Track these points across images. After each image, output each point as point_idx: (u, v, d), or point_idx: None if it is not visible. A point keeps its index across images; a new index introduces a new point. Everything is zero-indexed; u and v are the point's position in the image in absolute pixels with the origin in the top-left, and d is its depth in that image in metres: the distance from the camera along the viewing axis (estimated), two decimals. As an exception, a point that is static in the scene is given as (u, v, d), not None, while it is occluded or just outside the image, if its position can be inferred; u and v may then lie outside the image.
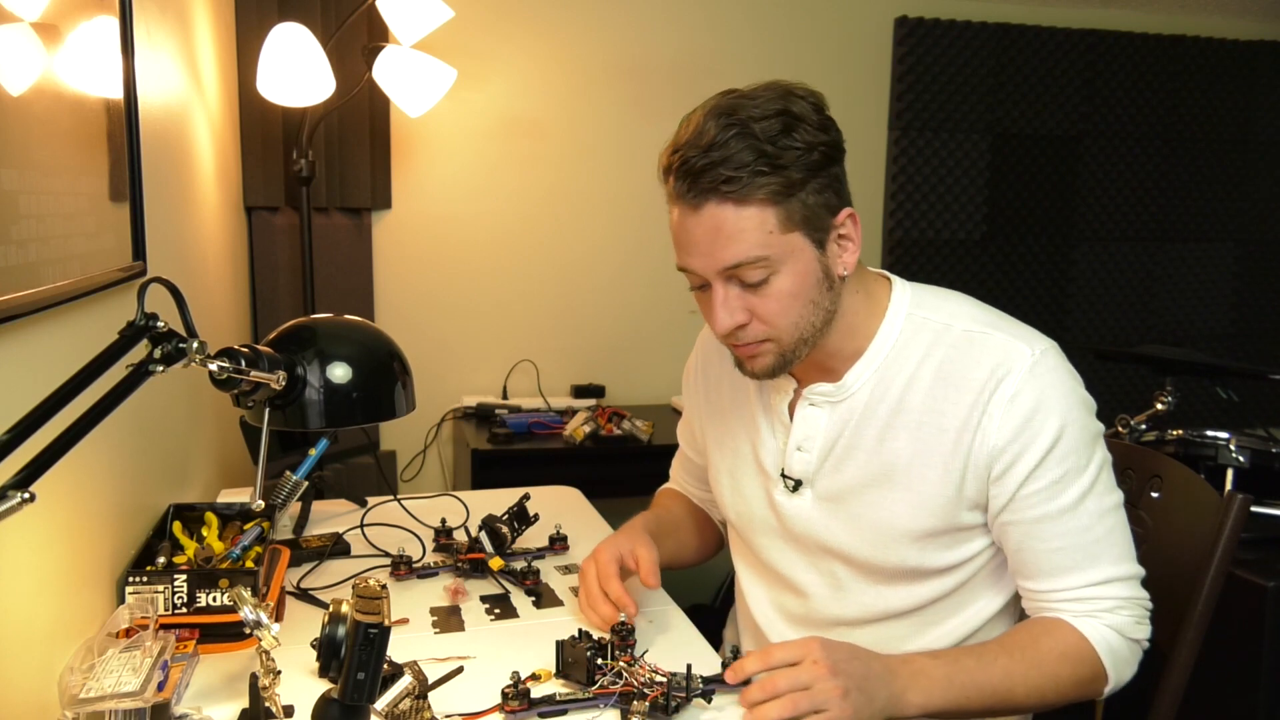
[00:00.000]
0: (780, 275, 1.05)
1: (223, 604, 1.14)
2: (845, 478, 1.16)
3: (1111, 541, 1.10)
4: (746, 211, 1.02)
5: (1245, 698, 1.69)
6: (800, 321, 1.07)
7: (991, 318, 1.15)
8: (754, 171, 1.00)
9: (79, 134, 1.07)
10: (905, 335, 1.14)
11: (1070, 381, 1.10)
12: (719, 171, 1.00)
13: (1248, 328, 3.67)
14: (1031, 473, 1.07)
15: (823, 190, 1.04)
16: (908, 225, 3.26)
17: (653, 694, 1.02)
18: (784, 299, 1.06)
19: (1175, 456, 1.52)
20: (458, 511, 1.63)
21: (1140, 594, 1.12)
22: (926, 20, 3.18)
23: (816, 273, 1.07)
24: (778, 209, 1.02)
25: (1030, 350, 1.08)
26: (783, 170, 1.01)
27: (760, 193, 1.01)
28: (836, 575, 1.20)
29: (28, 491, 0.64)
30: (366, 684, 0.82)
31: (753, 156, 1.00)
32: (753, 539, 1.29)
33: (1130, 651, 1.11)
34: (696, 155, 1.01)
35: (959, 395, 1.09)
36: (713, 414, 1.34)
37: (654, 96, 2.99)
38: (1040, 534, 1.09)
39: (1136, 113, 3.42)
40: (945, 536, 1.13)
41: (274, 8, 2.53)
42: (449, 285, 2.94)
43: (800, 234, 1.04)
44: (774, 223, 1.02)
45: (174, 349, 0.86)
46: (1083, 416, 1.09)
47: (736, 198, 1.01)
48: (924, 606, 1.18)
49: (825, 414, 1.17)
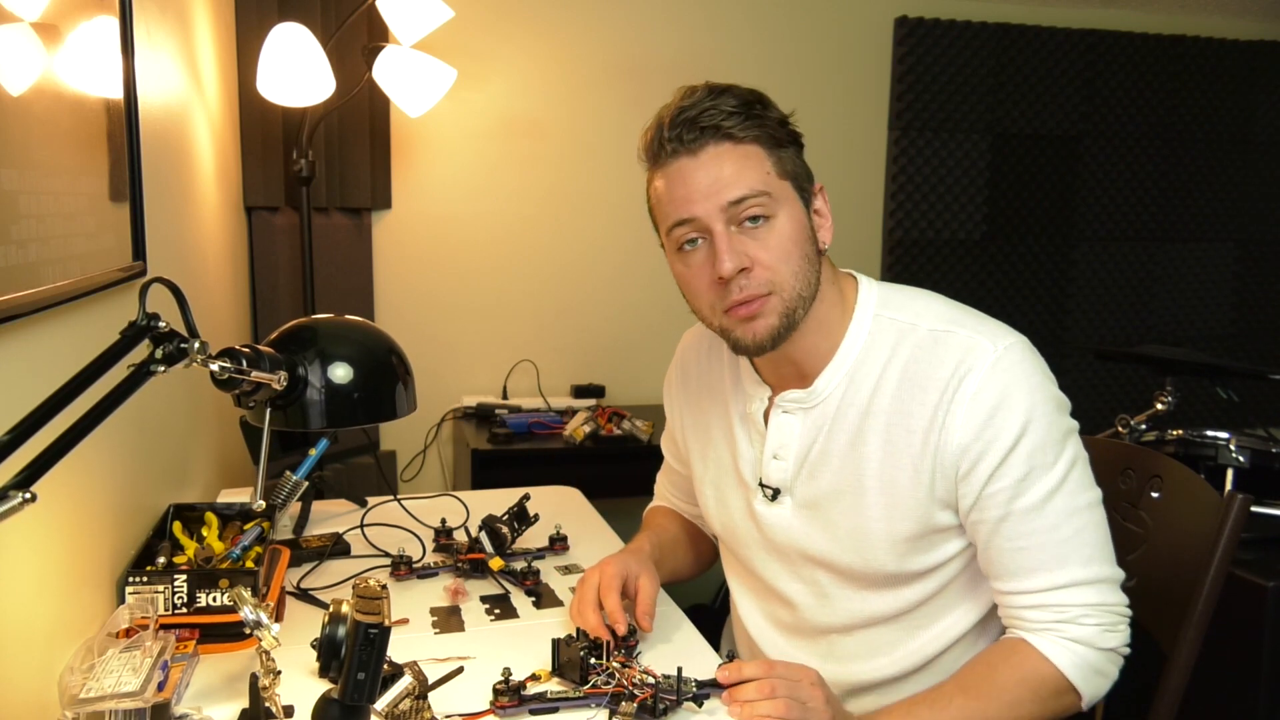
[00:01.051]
0: (778, 218, 1.08)
1: (223, 604, 1.14)
2: (821, 485, 1.15)
3: (1081, 542, 1.07)
4: (746, 149, 1.08)
5: (1245, 698, 1.69)
6: (799, 272, 1.08)
7: (958, 315, 1.13)
8: (746, 117, 1.07)
9: (79, 134, 1.07)
10: (873, 337, 1.13)
11: (1037, 378, 1.08)
12: (717, 113, 1.07)
13: (1248, 328, 3.67)
14: (996, 470, 1.05)
15: (798, 156, 1.12)
16: (908, 225, 3.26)
17: (641, 695, 1.03)
18: (784, 242, 1.08)
19: (1175, 456, 1.52)
20: (458, 511, 1.63)
21: (1114, 599, 1.09)
22: (926, 20, 3.18)
23: (807, 228, 1.11)
24: (770, 154, 1.09)
25: (993, 346, 1.07)
26: (766, 126, 1.09)
27: (754, 134, 1.08)
28: (820, 583, 1.20)
29: (29, 492, 0.64)
30: (366, 684, 0.82)
31: (743, 106, 1.08)
32: (738, 550, 1.29)
33: (1104, 661, 1.08)
34: (691, 106, 1.08)
35: (924, 395, 1.08)
36: (693, 425, 1.33)
37: (654, 96, 2.94)
38: (1006, 532, 1.07)
39: (1136, 113, 3.42)
40: (923, 540, 1.12)
41: (274, 8, 2.53)
42: (449, 285, 2.94)
43: (790, 184, 1.10)
44: (769, 164, 1.08)
45: (175, 349, 0.86)
46: (1049, 413, 1.07)
47: (735, 138, 1.07)
48: (910, 610, 1.16)
49: (799, 421, 1.16)
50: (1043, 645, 1.07)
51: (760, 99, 1.10)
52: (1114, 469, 1.39)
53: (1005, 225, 3.35)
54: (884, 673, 1.19)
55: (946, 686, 1.09)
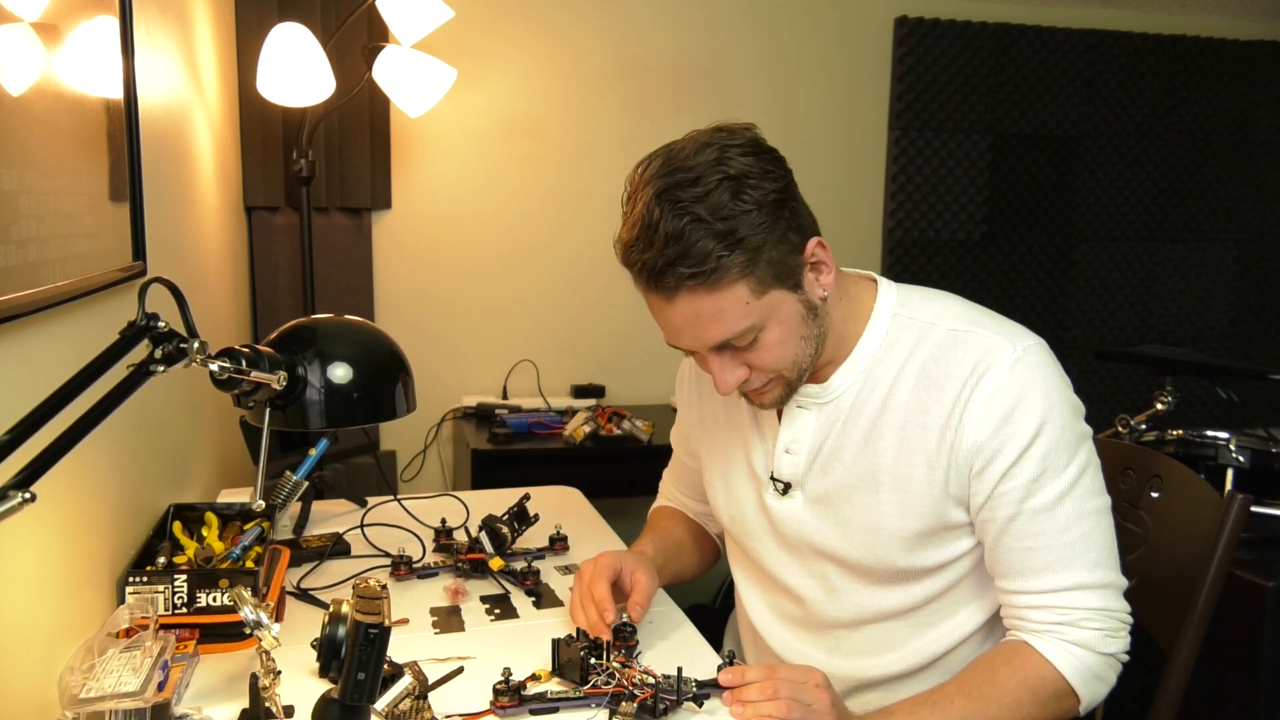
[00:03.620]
0: (767, 331, 1.05)
1: (223, 604, 1.14)
2: (833, 479, 1.16)
3: (1088, 546, 1.08)
4: (721, 294, 1.01)
5: (1245, 698, 1.69)
6: (798, 357, 1.09)
7: (977, 315, 1.14)
8: (717, 257, 0.98)
9: (79, 134, 1.07)
10: (891, 336, 1.14)
11: (1054, 380, 1.09)
12: (681, 268, 0.99)
13: (1248, 328, 3.67)
14: (1009, 469, 1.06)
15: (784, 237, 1.03)
16: (908, 225, 3.26)
17: (641, 696, 1.03)
18: (775, 348, 1.07)
19: (1175, 456, 1.52)
20: (458, 511, 1.63)
21: (1116, 605, 1.09)
22: (926, 20, 3.18)
23: (800, 312, 1.07)
24: (749, 279, 1.01)
25: (1012, 347, 1.08)
26: (743, 242, 0.99)
27: (729, 274, 1.00)
28: (829, 577, 1.20)
29: (28, 492, 0.64)
30: (367, 684, 0.82)
31: (713, 243, 0.98)
32: (746, 544, 1.29)
33: (1103, 666, 1.09)
34: (654, 255, 1.00)
35: (941, 394, 1.09)
36: (706, 419, 1.34)
37: (654, 96, 2.99)
38: (1015, 532, 1.08)
39: (1136, 113, 3.42)
40: (934, 536, 1.13)
41: (274, 8, 2.53)
42: (449, 285, 2.94)
43: (775, 289, 1.04)
44: (748, 294, 1.02)
45: (175, 349, 0.86)
46: (1065, 416, 1.08)
47: (707, 285, 1.00)
48: (919, 607, 1.17)
49: (813, 416, 1.17)
50: (1044, 647, 1.08)
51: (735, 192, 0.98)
52: (1114, 469, 1.39)
53: (1005, 225, 3.35)
54: (890, 669, 1.19)
55: (948, 687, 1.09)
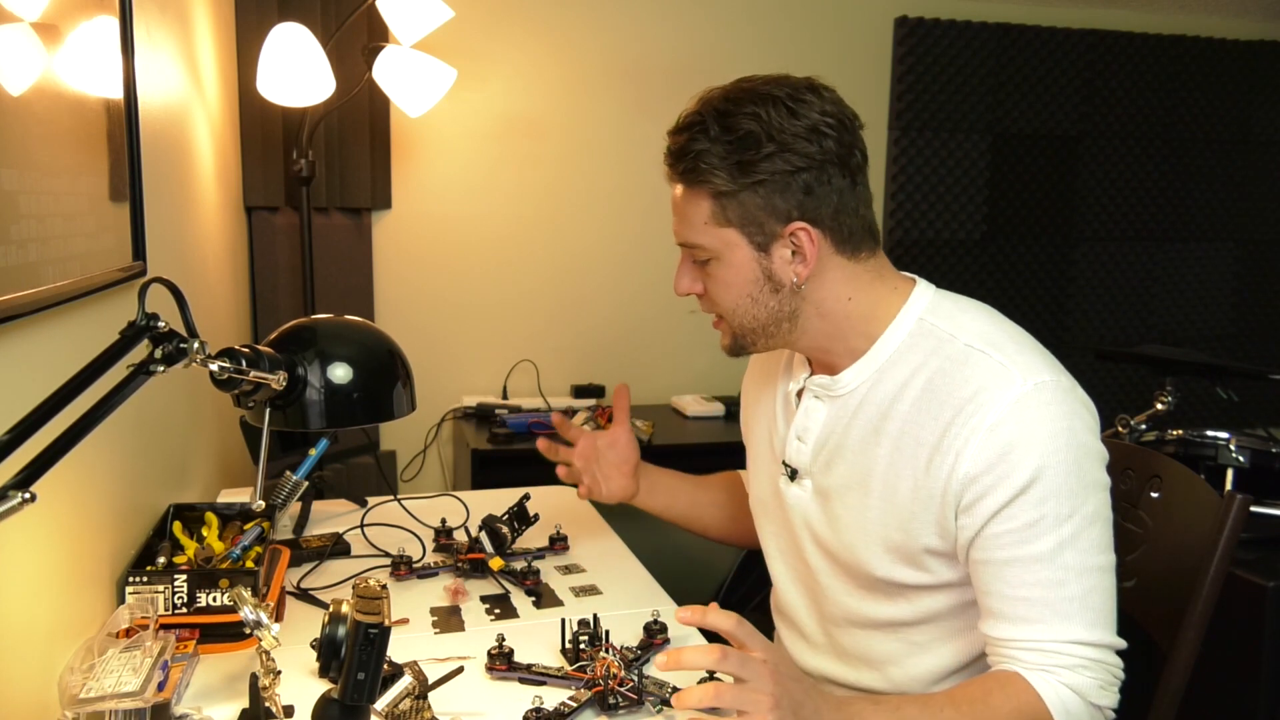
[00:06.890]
0: (717, 263, 1.10)
1: (223, 604, 1.14)
2: (835, 476, 1.15)
3: (1089, 605, 1.01)
4: (691, 197, 1.08)
5: (1245, 698, 1.69)
6: (739, 311, 1.11)
7: (1002, 339, 1.07)
8: (702, 163, 1.05)
9: (79, 134, 1.07)
10: (910, 339, 1.10)
11: (1063, 422, 1.01)
12: (678, 155, 1.07)
13: (1248, 328, 3.67)
14: (1001, 510, 1.00)
15: (773, 195, 1.04)
16: (908, 225, 3.26)
17: (597, 689, 1.06)
18: (718, 285, 1.11)
19: (1175, 456, 1.52)
20: (458, 511, 1.63)
21: (1112, 661, 1.03)
22: (926, 20, 3.18)
23: (754, 272, 1.09)
24: (714, 203, 1.07)
25: (1023, 381, 1.01)
26: (733, 168, 1.04)
27: (701, 185, 1.06)
28: (822, 571, 1.20)
29: (28, 491, 0.64)
30: (366, 684, 0.82)
31: (705, 147, 1.05)
32: (763, 525, 1.31)
33: (1090, 718, 1.02)
34: (672, 135, 1.09)
35: (939, 410, 1.05)
36: (750, 403, 1.36)
37: (654, 96, 2.99)
38: (1008, 578, 1.02)
39: (1136, 113, 3.42)
40: (907, 553, 1.09)
41: (274, 8, 2.53)
42: (449, 285, 2.94)
43: (735, 230, 1.07)
44: (707, 214, 1.07)
45: (175, 349, 0.86)
46: (1071, 461, 1.00)
47: (686, 182, 1.08)
48: (903, 626, 1.14)
49: (824, 407, 1.17)
50: (1037, 683, 1.01)
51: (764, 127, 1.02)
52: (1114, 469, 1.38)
53: (1005, 225, 3.35)
54: (878, 687, 1.18)
55: (938, 698, 1.03)
